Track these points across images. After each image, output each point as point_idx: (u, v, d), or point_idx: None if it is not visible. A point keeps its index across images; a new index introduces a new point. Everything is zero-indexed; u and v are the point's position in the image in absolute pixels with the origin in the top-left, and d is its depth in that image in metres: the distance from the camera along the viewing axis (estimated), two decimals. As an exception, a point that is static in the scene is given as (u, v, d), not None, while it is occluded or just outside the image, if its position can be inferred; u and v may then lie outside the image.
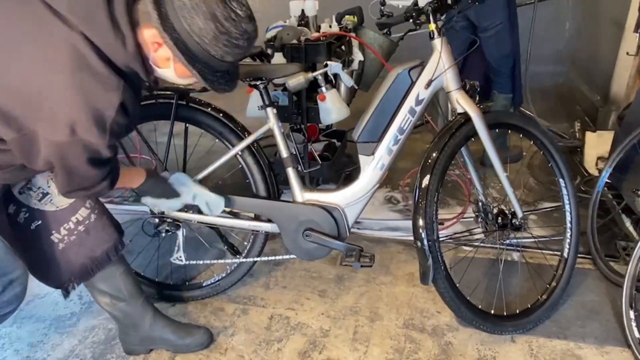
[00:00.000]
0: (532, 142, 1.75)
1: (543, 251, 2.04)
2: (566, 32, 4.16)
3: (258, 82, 1.64)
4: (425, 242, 1.53)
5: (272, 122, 1.66)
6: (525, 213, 1.75)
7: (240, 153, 1.71)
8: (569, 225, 1.78)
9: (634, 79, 2.44)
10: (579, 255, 1.83)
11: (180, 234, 1.76)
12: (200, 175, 1.68)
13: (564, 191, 1.76)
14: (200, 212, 1.67)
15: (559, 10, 3.99)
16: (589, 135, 2.73)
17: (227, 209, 1.73)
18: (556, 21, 4.13)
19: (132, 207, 2.33)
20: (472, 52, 2.08)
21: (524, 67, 3.15)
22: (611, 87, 2.95)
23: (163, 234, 1.74)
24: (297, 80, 1.80)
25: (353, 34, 2.32)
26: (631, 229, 2.05)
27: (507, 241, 1.82)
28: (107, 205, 1.54)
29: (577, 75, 4.00)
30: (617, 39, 2.99)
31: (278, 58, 2.22)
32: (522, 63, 2.84)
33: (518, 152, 2.86)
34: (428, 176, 1.55)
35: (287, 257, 1.84)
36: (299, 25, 2.37)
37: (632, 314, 1.59)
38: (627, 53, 2.58)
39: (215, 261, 2.03)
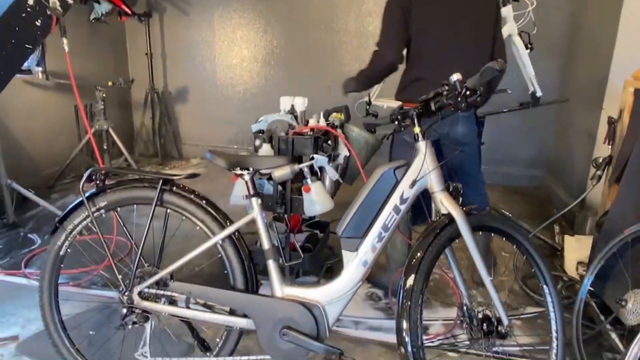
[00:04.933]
0: (514, 246, 1.75)
1: (529, 360, 1.95)
2: (542, 138, 4.40)
3: (245, 172, 1.64)
4: (409, 347, 1.45)
5: (256, 213, 1.64)
6: (510, 318, 1.69)
7: (220, 242, 1.66)
8: (554, 334, 1.72)
9: (608, 187, 2.52)
10: (566, 366, 1.75)
11: (148, 326, 1.65)
12: (179, 262, 1.61)
13: (549, 298, 1.73)
14: (172, 303, 1.57)
15: (535, 118, 4.24)
16: (568, 239, 2.77)
17: (202, 301, 1.65)
18: (532, 127, 4.38)
19: (99, 292, 2.20)
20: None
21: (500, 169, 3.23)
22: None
23: (129, 326, 1.62)
24: (284, 171, 1.82)
25: (339, 131, 2.39)
26: (617, 340, 2.00)
27: (493, 349, 1.74)
28: (74, 289, 1.45)
29: (553, 180, 4.15)
30: (589, 149, 3.16)
31: (266, 148, 2.26)
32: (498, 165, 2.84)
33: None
34: (413, 276, 1.51)
35: (261, 357, 1.71)
36: (288, 118, 2.44)
37: None
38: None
39: (182, 359, 1.88)
